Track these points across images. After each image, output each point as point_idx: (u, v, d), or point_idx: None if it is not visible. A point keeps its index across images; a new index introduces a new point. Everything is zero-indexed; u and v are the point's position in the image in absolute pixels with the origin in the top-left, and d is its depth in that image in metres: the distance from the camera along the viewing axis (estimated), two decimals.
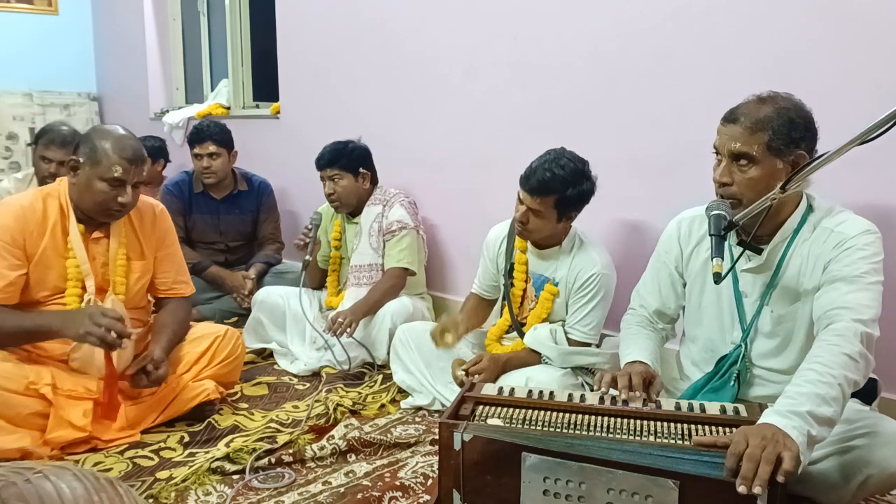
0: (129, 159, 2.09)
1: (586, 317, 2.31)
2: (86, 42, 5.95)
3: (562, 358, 2.25)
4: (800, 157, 1.63)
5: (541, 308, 2.37)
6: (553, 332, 2.31)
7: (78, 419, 2.01)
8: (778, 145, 1.62)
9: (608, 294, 2.33)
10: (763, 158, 1.62)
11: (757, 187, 1.63)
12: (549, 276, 2.36)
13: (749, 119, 1.63)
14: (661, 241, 1.98)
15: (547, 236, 2.32)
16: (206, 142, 3.46)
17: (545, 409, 1.64)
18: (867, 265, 1.58)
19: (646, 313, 1.98)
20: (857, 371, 1.45)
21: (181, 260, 2.44)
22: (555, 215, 2.24)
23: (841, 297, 1.56)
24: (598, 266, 2.29)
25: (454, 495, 1.54)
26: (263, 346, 2.97)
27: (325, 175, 2.94)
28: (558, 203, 2.21)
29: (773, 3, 2.16)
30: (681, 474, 1.37)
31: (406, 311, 2.81)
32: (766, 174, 1.63)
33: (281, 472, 1.95)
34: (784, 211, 1.70)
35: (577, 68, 2.65)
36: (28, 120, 5.60)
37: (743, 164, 1.64)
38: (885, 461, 1.50)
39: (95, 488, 0.76)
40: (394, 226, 2.93)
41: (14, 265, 2.06)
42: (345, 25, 3.57)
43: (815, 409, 1.37)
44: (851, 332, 1.48)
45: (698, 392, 1.81)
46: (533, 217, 2.24)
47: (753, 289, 1.77)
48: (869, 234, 1.63)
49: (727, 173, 1.67)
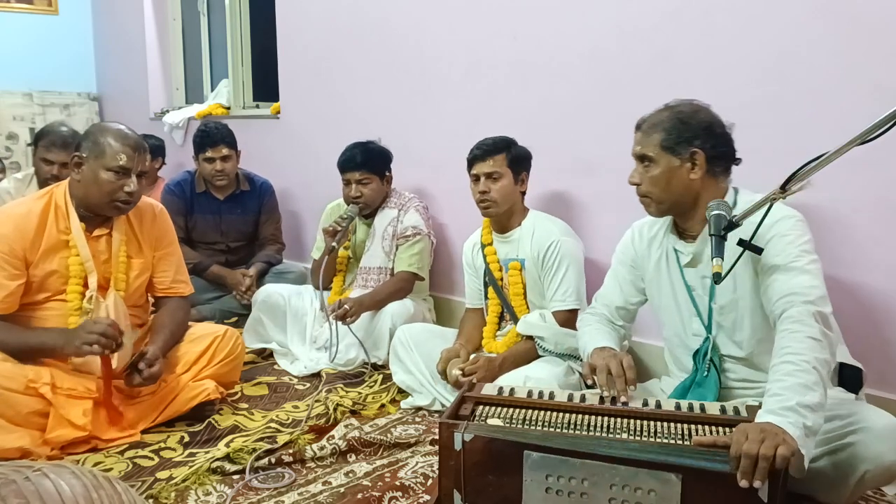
0: (131, 147, 2.12)
1: (560, 285, 2.40)
2: (86, 42, 5.94)
3: (555, 339, 2.30)
4: (696, 155, 1.76)
5: (513, 286, 2.49)
6: (542, 315, 2.39)
7: (78, 418, 2.01)
8: (670, 144, 1.77)
9: (575, 259, 2.42)
10: (659, 157, 1.78)
11: (659, 184, 1.79)
12: (513, 257, 2.50)
13: (647, 124, 1.83)
14: (617, 248, 2.09)
15: (509, 210, 2.48)
16: (219, 145, 3.45)
17: (545, 409, 1.65)
18: (796, 249, 1.64)
19: (605, 311, 2.07)
20: (823, 350, 1.49)
21: (180, 260, 2.44)
22: (510, 174, 2.44)
23: (784, 285, 1.61)
24: (556, 233, 2.42)
25: (455, 495, 1.54)
26: (264, 346, 2.97)
27: (353, 178, 2.91)
28: (510, 160, 2.43)
29: (773, 3, 2.16)
30: (683, 468, 1.39)
31: (407, 312, 2.81)
32: (664, 171, 1.78)
33: (281, 472, 1.95)
34: (705, 204, 1.73)
35: (577, 68, 2.65)
36: (28, 120, 5.60)
37: (646, 164, 1.81)
38: (881, 456, 1.53)
39: (94, 486, 0.76)
40: (408, 231, 2.93)
41: (13, 275, 2.08)
42: (345, 25, 3.57)
43: (802, 398, 1.41)
44: (806, 315, 1.53)
45: (687, 390, 1.85)
46: (492, 183, 2.42)
47: (696, 282, 1.85)
48: (788, 220, 1.68)
49: (636, 175, 1.85)
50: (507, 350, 2.40)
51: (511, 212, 2.50)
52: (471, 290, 2.67)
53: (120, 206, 2.16)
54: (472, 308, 2.66)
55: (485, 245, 2.57)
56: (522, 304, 2.49)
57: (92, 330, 1.99)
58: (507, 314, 2.55)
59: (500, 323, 2.58)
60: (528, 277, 2.48)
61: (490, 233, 2.57)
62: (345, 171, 2.93)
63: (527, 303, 2.50)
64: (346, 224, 2.84)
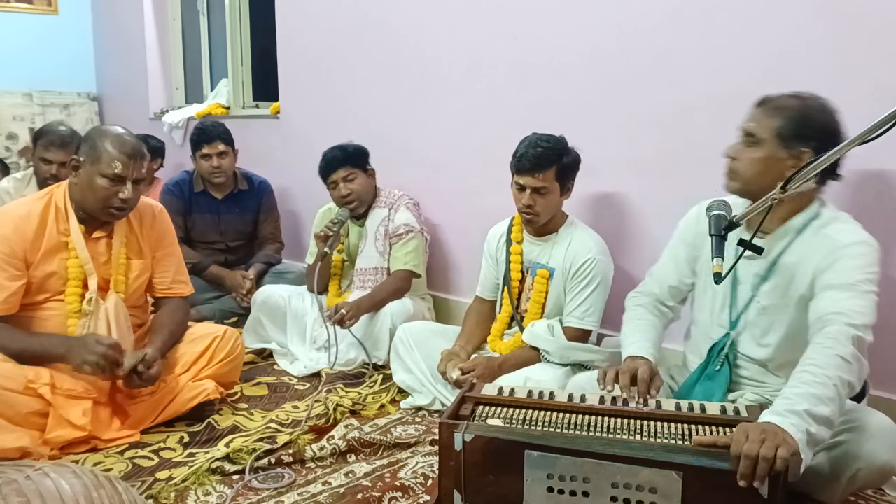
0: (128, 154, 2.10)
1: (584, 303, 2.31)
2: (86, 42, 5.94)
3: (560, 352, 2.26)
4: (804, 155, 1.66)
5: (536, 293, 2.39)
6: (550, 327, 2.32)
7: (77, 419, 2.01)
8: (786, 134, 1.67)
9: (605, 281, 2.34)
10: (768, 142, 1.69)
11: (755, 167, 1.71)
12: (544, 263, 2.39)
13: (771, 105, 1.72)
14: (680, 223, 2.01)
15: (550, 219, 2.36)
16: (215, 141, 3.45)
17: (545, 409, 1.65)
18: (862, 274, 1.59)
19: (656, 290, 1.99)
20: (850, 372, 1.46)
21: (180, 260, 2.44)
22: (558, 188, 2.30)
23: (835, 303, 1.57)
24: (594, 251, 2.33)
25: (455, 496, 1.54)
26: (263, 347, 2.97)
27: (339, 177, 2.91)
28: (559, 173, 2.28)
29: (773, 3, 2.16)
30: (684, 465, 1.39)
31: (406, 311, 2.81)
32: (766, 157, 1.70)
33: (281, 472, 1.95)
34: (793, 208, 1.73)
35: (577, 68, 2.65)
36: (28, 120, 5.60)
37: (751, 143, 1.72)
38: (873, 455, 1.53)
39: (94, 485, 0.76)
40: (401, 229, 2.93)
41: (14, 276, 2.07)
42: (345, 25, 3.57)
43: (813, 408, 1.39)
44: (844, 335, 1.50)
45: (695, 383, 1.84)
46: (539, 197, 2.29)
47: (747, 276, 1.80)
48: (863, 245, 1.64)
49: (734, 149, 1.76)
50: (510, 353, 2.37)
51: (551, 219, 2.39)
52: (485, 279, 2.56)
53: (114, 213, 2.14)
54: (483, 298, 2.58)
55: (512, 242, 2.45)
56: (538, 313, 2.40)
57: (94, 351, 1.99)
58: (515, 319, 2.47)
59: (510, 322, 2.49)
60: (552, 288, 2.38)
61: (521, 231, 2.45)
62: (328, 174, 2.94)
63: (543, 312, 2.40)
64: (338, 228, 2.84)
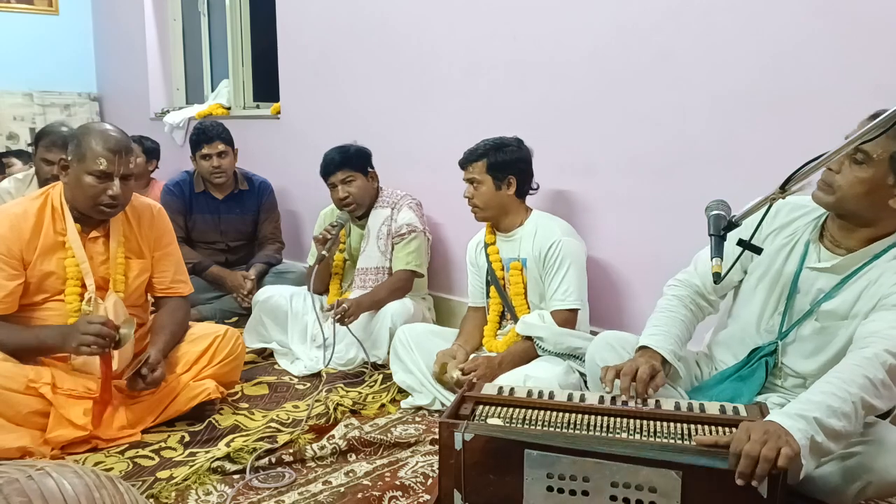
0: (112, 150, 2.09)
1: (561, 284, 2.40)
2: (86, 42, 5.94)
3: (554, 339, 2.30)
4: None
5: (514, 286, 2.50)
6: (541, 316, 2.40)
7: (78, 418, 2.01)
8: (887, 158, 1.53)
9: (576, 259, 2.42)
10: (876, 165, 1.54)
11: (857, 188, 1.58)
12: (515, 256, 2.51)
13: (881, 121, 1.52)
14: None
15: (500, 212, 2.51)
16: (215, 141, 3.45)
17: (545, 408, 1.65)
18: None
19: (698, 282, 1.90)
20: (875, 396, 1.43)
21: (179, 260, 2.44)
22: (490, 180, 2.46)
23: (880, 327, 1.52)
24: (558, 233, 2.43)
25: (455, 495, 1.55)
26: (264, 346, 2.97)
27: (337, 180, 2.92)
28: (490, 167, 2.46)
29: (773, 3, 2.16)
30: (684, 465, 1.39)
31: (407, 311, 2.81)
32: (871, 179, 1.56)
33: (281, 471, 1.95)
34: (879, 232, 1.64)
35: (577, 67, 2.65)
36: (28, 120, 5.60)
37: (860, 162, 1.57)
38: (886, 470, 1.51)
39: (96, 485, 0.76)
40: (403, 229, 2.93)
41: (11, 275, 2.08)
42: (345, 25, 3.57)
43: (824, 418, 1.37)
44: (879, 360, 1.46)
45: (725, 379, 1.80)
46: (474, 190, 2.48)
47: (810, 289, 1.72)
48: None
49: (837, 164, 1.60)
50: (507, 349, 2.41)
51: (506, 213, 2.51)
52: (473, 289, 2.67)
53: (104, 210, 2.13)
54: (474, 307, 2.67)
55: (487, 245, 2.58)
56: (523, 304, 2.50)
57: (87, 331, 1.98)
58: (507, 314, 2.55)
59: (500, 322, 2.58)
60: (528, 277, 2.48)
61: (493, 233, 2.59)
62: (327, 175, 2.95)
63: (527, 303, 2.50)
64: (336, 232, 2.84)
